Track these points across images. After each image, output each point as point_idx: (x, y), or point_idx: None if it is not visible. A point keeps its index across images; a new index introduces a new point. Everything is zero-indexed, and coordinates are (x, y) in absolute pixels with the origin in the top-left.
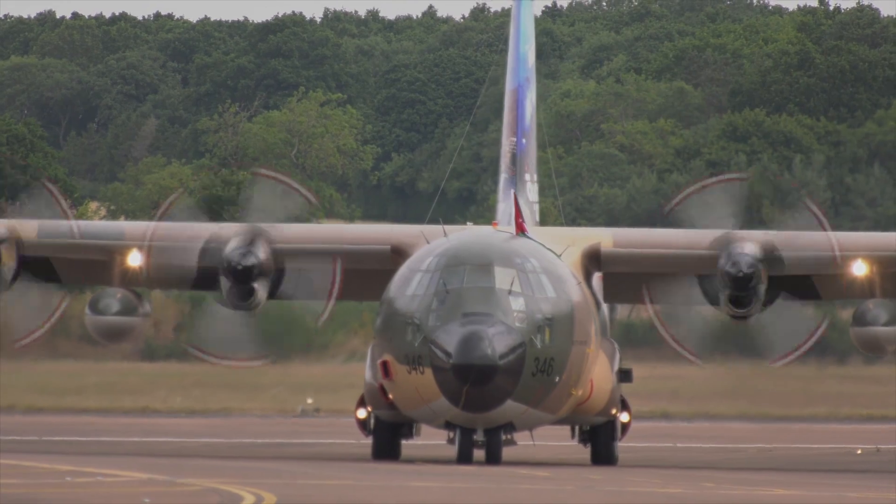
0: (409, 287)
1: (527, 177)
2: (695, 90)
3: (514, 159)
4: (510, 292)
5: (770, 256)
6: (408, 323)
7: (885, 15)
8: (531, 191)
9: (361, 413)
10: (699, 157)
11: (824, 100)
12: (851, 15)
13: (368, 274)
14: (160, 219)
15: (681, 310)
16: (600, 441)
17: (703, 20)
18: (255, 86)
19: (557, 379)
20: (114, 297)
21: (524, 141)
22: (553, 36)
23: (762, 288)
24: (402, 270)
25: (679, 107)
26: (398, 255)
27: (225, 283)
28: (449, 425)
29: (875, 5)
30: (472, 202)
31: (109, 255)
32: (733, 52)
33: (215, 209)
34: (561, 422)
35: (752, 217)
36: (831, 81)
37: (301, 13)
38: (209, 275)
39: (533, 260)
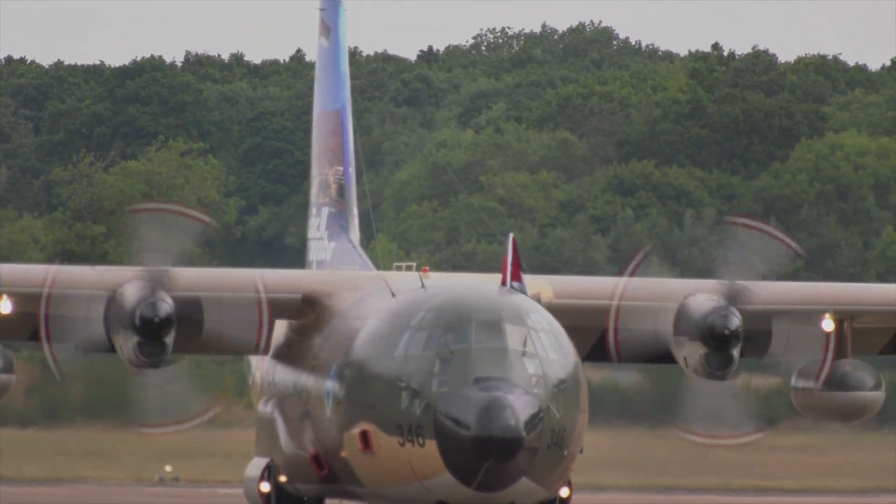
0: (395, 346)
1: (355, 211)
2: (579, 140)
3: (343, 191)
4: (524, 353)
5: (752, 311)
6: (400, 388)
7: (783, 61)
8: (357, 228)
9: (265, 486)
10: (584, 212)
11: (717, 151)
12: (746, 61)
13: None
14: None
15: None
16: None
17: (588, 66)
18: (111, 134)
19: (566, 453)
20: None
21: (350, 170)
22: (429, 82)
23: (740, 346)
24: (378, 325)
25: (562, 158)
26: (309, 306)
27: (129, 337)
28: None
29: (772, 51)
30: None
31: None
32: (620, 100)
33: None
34: None
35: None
36: (724, 132)
37: (161, 57)
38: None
39: (535, 316)
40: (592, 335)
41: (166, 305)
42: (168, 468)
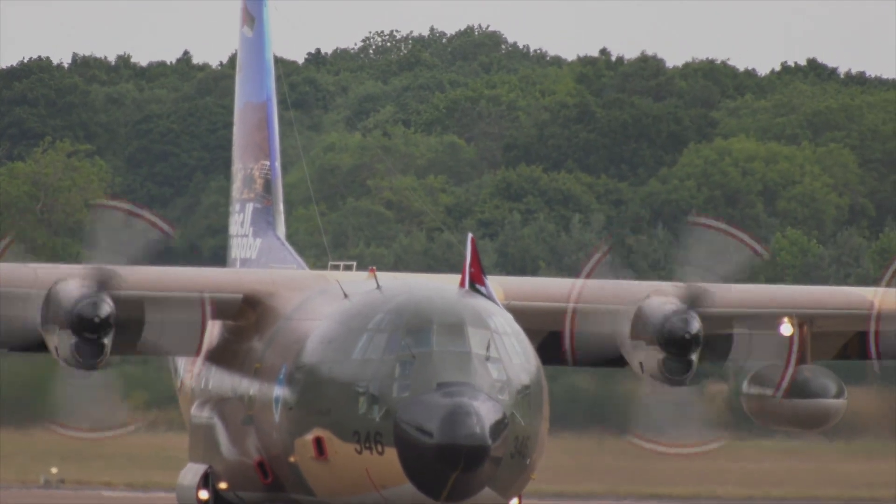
0: (352, 349)
1: (281, 207)
2: (467, 144)
3: (270, 186)
4: (488, 358)
5: (712, 314)
6: (358, 392)
7: (671, 66)
8: (283, 224)
9: (204, 494)
10: (471, 216)
11: (605, 156)
12: (634, 66)
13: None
14: None
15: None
16: None
17: (476, 70)
18: None
19: (528, 461)
20: None
21: (277, 164)
22: (316, 85)
23: (699, 351)
24: (332, 327)
25: (450, 162)
26: (250, 306)
27: (67, 337)
28: None
29: (660, 55)
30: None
31: None
32: (508, 104)
33: None
34: None
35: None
36: (612, 136)
37: (48, 58)
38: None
39: (498, 318)
40: (539, 337)
41: (106, 305)
42: (54, 470)
